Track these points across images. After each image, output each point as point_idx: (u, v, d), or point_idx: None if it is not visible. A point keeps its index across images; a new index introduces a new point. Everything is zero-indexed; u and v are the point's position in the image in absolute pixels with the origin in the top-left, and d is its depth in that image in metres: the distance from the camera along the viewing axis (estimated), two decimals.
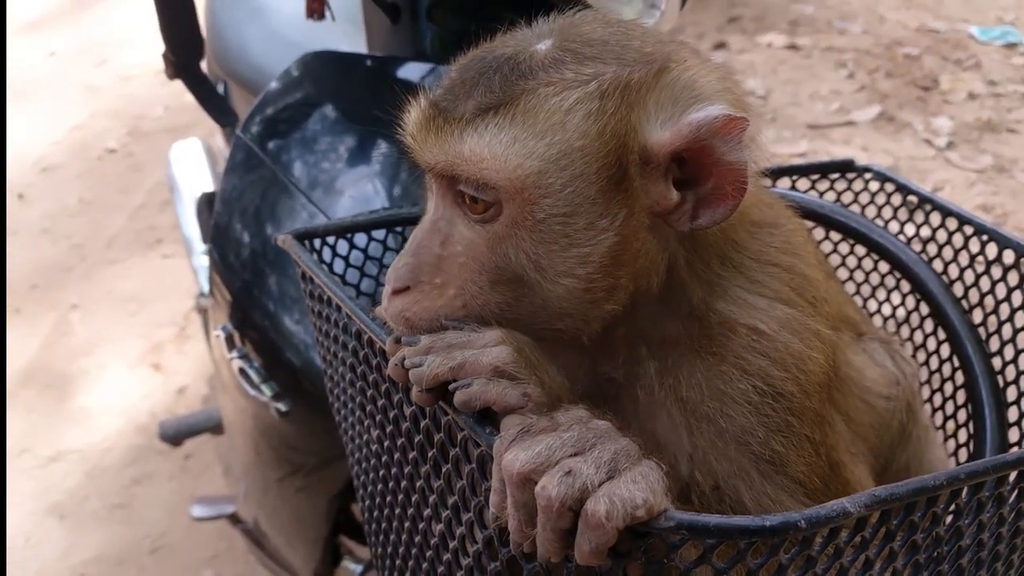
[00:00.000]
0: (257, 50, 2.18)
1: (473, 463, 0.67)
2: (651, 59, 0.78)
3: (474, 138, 0.76)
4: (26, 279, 3.85)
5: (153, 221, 4.09)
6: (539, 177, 0.75)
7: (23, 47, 5.80)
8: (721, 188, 0.76)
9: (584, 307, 0.79)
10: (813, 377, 0.83)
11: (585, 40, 0.80)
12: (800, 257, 0.89)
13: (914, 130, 4.19)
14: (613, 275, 0.78)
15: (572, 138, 0.75)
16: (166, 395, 3.21)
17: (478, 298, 0.79)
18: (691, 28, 5.10)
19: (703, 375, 0.82)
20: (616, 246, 0.77)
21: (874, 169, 1.26)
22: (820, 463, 0.84)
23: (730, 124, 0.74)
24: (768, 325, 0.82)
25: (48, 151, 4.73)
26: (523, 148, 0.75)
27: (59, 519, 2.85)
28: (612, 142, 0.75)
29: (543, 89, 0.76)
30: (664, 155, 0.76)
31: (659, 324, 0.84)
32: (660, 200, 0.77)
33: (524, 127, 0.75)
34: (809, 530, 0.57)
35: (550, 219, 0.76)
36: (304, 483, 1.60)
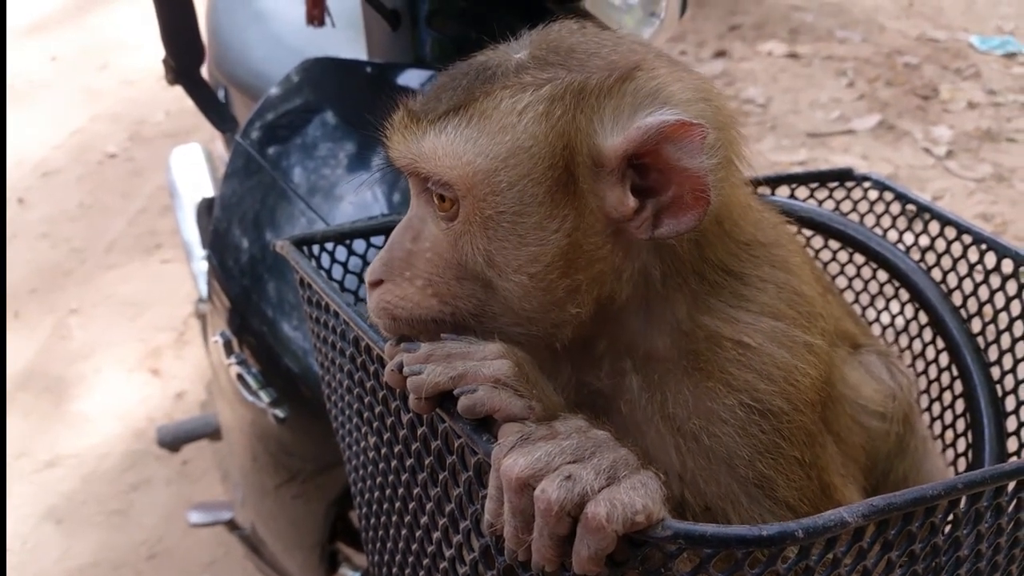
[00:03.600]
0: (257, 56, 2.19)
1: (470, 471, 0.67)
2: (614, 66, 0.79)
3: (433, 137, 0.79)
4: (25, 283, 3.84)
5: (153, 226, 4.09)
6: (488, 175, 0.77)
7: (25, 51, 5.81)
8: (681, 196, 0.75)
9: (546, 309, 0.79)
10: (804, 392, 0.83)
11: (552, 47, 0.81)
12: (794, 275, 0.88)
13: (914, 139, 4.20)
14: (569, 277, 0.78)
15: (521, 139, 0.77)
16: (164, 400, 3.20)
17: (447, 291, 0.81)
18: (692, 36, 5.12)
19: (690, 392, 0.81)
20: (567, 248, 0.77)
21: (873, 178, 1.26)
22: (810, 485, 0.83)
23: (683, 129, 0.73)
24: (754, 338, 0.82)
25: (49, 155, 4.74)
26: (475, 147, 0.77)
27: (56, 524, 2.84)
28: (559, 144, 0.76)
29: (499, 92, 0.78)
30: (616, 159, 0.76)
31: (644, 338, 0.83)
32: (617, 206, 0.77)
33: (479, 127, 0.77)
34: (806, 540, 0.57)
35: (499, 216, 0.77)
36: (301, 489, 1.59)
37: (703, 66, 4.88)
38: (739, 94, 4.62)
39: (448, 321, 0.81)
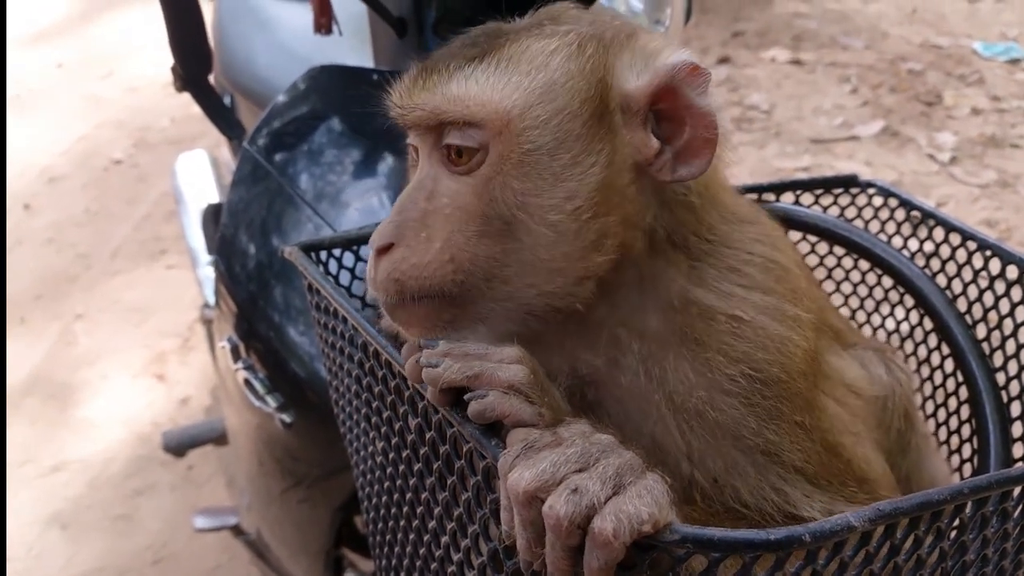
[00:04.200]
0: (264, 63, 2.20)
1: (479, 475, 0.67)
2: (622, 27, 0.85)
3: (459, 81, 0.80)
4: (31, 289, 3.86)
5: (158, 232, 4.10)
6: (525, 110, 0.78)
7: (30, 58, 5.84)
8: (694, 139, 0.79)
9: (575, 258, 0.80)
10: (797, 361, 0.84)
11: (556, 17, 0.87)
12: (780, 251, 0.90)
13: (918, 145, 4.20)
14: (601, 217, 0.79)
15: (556, 75, 0.79)
16: (169, 406, 3.21)
17: (465, 250, 0.79)
18: (695, 43, 5.13)
19: (690, 366, 0.82)
20: (602, 184, 0.79)
21: (877, 184, 1.26)
22: (815, 448, 0.83)
23: (696, 71, 0.79)
24: (747, 312, 0.84)
25: (54, 161, 4.76)
26: (509, 84, 0.79)
27: (61, 529, 2.85)
28: (594, 78, 0.79)
29: (525, 39, 0.81)
30: (642, 99, 0.80)
31: (640, 314, 0.84)
32: (641, 147, 0.80)
33: (509, 68, 0.80)
34: (814, 544, 0.57)
35: (536, 152, 0.78)
36: (307, 494, 1.60)
37: None
38: (743, 100, 4.63)
39: (457, 294, 0.80)
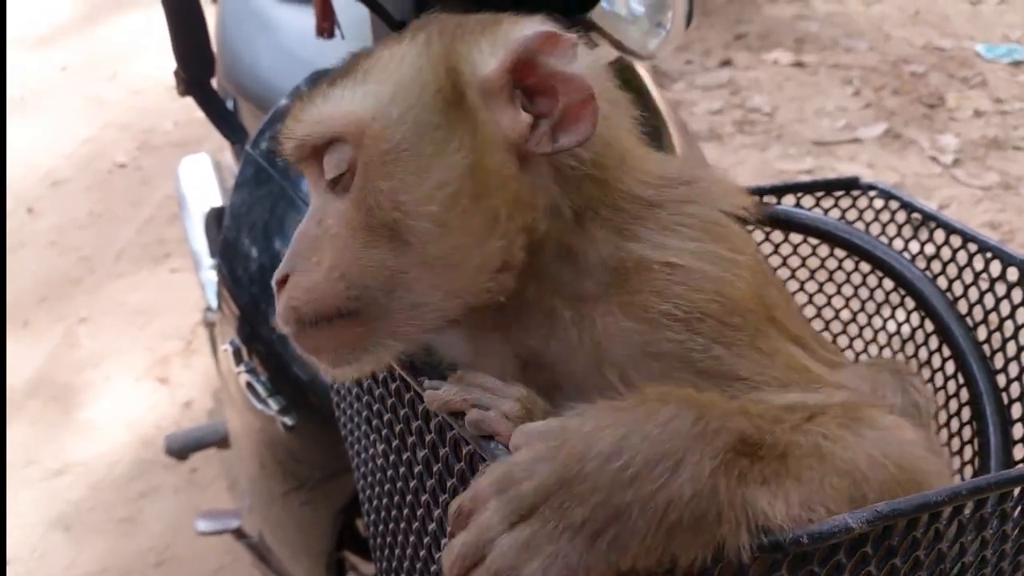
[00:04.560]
0: (266, 67, 2.21)
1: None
2: (486, 18, 0.85)
3: (320, 103, 0.82)
4: (34, 292, 3.87)
5: (161, 235, 4.11)
6: (378, 113, 0.78)
7: (35, 61, 5.86)
8: (570, 106, 0.78)
9: (470, 251, 0.78)
10: (737, 299, 0.83)
11: (428, 22, 0.87)
12: (717, 210, 0.89)
13: (920, 147, 4.20)
14: (483, 202, 0.78)
15: (405, 75, 0.80)
16: (172, 409, 3.22)
17: (356, 265, 0.78)
18: (697, 45, 5.13)
19: (625, 315, 0.81)
20: (471, 168, 0.78)
21: (879, 187, 1.27)
22: (773, 366, 0.82)
23: (554, 39, 0.78)
24: (681, 258, 0.83)
25: (58, 164, 4.77)
26: (361, 94, 0.80)
27: (64, 531, 2.86)
28: (441, 68, 0.80)
29: (378, 52, 0.83)
30: (499, 78, 0.79)
31: (572, 283, 0.84)
32: (513, 126, 0.79)
33: (364, 80, 0.81)
34: (810, 545, 0.57)
35: (396, 151, 0.77)
36: (309, 497, 1.60)
37: (709, 75, 4.89)
38: (745, 103, 4.63)
39: (356, 311, 0.78)
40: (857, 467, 0.67)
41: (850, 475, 0.66)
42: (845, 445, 0.68)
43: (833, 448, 0.67)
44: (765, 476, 0.62)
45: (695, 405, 0.63)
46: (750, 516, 0.59)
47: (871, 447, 0.70)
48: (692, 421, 0.61)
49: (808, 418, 0.71)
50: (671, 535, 0.58)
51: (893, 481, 0.69)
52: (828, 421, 0.71)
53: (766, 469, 0.63)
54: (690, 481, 0.58)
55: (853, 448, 0.68)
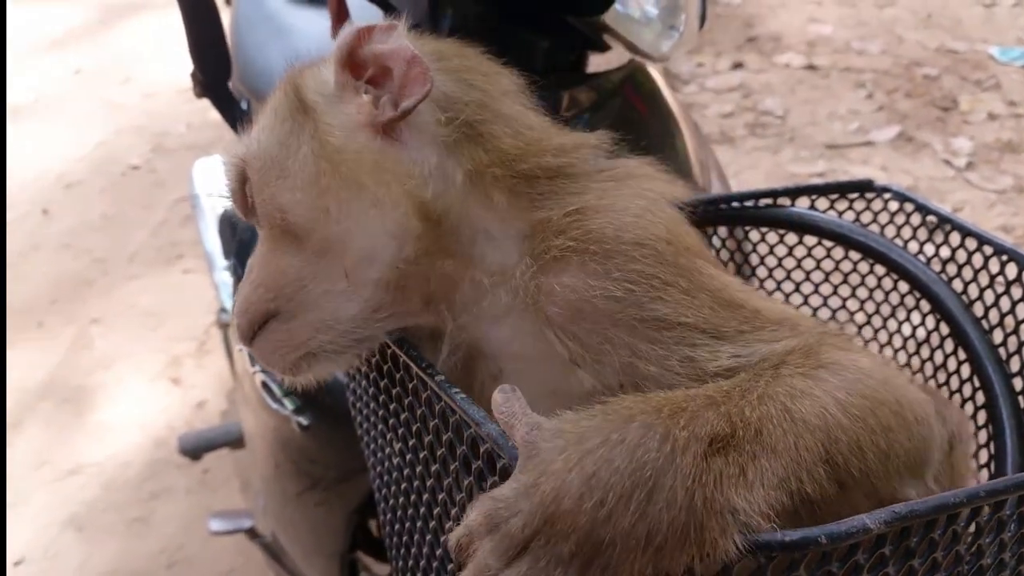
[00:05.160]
0: (279, 70, 2.21)
1: (497, 475, 0.68)
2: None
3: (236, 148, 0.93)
4: (48, 293, 3.90)
5: (174, 237, 4.14)
6: (251, 144, 0.90)
7: (49, 64, 5.90)
8: (403, 75, 0.85)
9: (354, 228, 0.85)
10: (656, 230, 0.83)
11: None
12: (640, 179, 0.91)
13: (933, 150, 4.19)
14: (347, 180, 0.84)
15: (268, 108, 0.92)
16: (185, 409, 3.24)
17: (268, 273, 0.89)
18: (709, 48, 5.13)
19: (551, 273, 0.83)
20: (322, 154, 0.85)
21: (893, 189, 1.26)
22: (707, 305, 0.81)
23: (369, 28, 0.86)
24: (589, 202, 0.86)
25: (72, 167, 4.80)
26: (246, 135, 0.93)
27: (77, 531, 2.87)
28: (290, 92, 0.90)
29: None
30: (337, 77, 0.88)
31: (490, 251, 0.87)
32: (360, 109, 0.87)
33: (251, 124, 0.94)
34: (829, 545, 0.57)
35: (266, 166, 0.88)
36: (323, 497, 1.61)
37: (720, 78, 4.89)
38: (756, 106, 4.63)
39: (278, 311, 0.88)
40: (827, 417, 0.69)
41: (822, 429, 0.68)
42: (811, 398, 0.70)
43: (802, 407, 0.69)
44: (742, 463, 0.63)
45: (661, 418, 0.64)
46: (731, 515, 0.60)
47: (835, 389, 0.72)
48: (659, 442, 0.62)
49: (772, 378, 0.72)
50: (658, 554, 0.59)
51: (866, 413, 0.72)
52: (790, 375, 0.73)
53: (742, 455, 0.64)
54: (665, 507, 0.60)
55: (819, 398, 0.70)
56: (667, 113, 1.60)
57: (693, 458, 0.62)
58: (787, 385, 0.71)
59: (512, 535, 0.61)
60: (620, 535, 0.59)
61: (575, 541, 0.59)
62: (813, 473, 0.66)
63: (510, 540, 0.61)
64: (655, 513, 0.59)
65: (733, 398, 0.68)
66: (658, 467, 0.60)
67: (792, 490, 0.64)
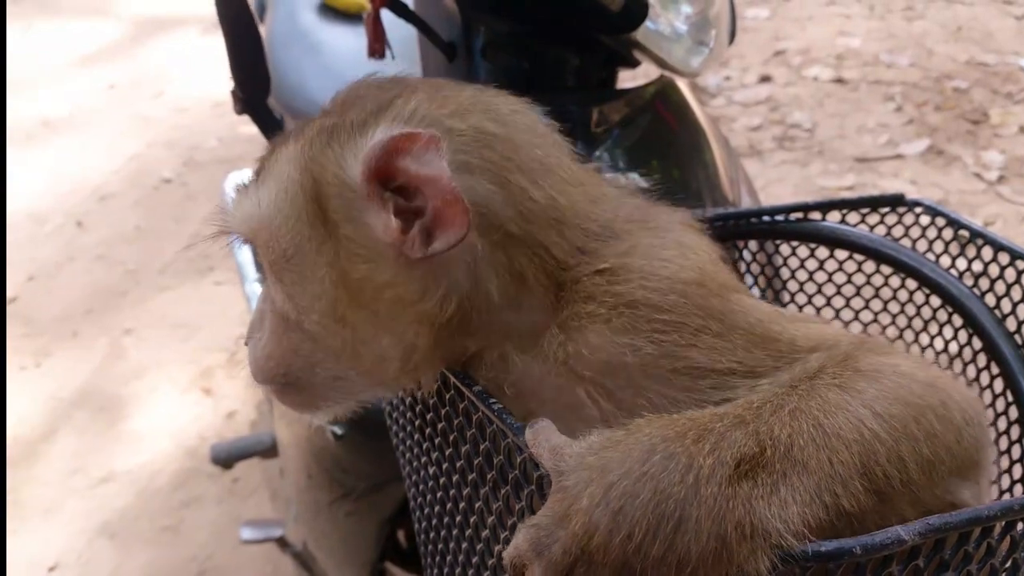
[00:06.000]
0: (313, 86, 2.25)
1: (532, 484, 0.69)
2: (376, 103, 0.82)
3: (238, 202, 0.86)
4: (82, 303, 3.96)
5: (205, 249, 4.18)
6: (264, 222, 0.82)
7: (83, 79, 6.01)
8: (439, 209, 0.75)
9: (363, 347, 0.82)
10: (685, 275, 0.81)
11: (345, 101, 0.86)
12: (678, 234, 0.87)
13: (964, 164, 4.15)
14: (362, 310, 0.80)
15: (283, 183, 0.81)
16: (215, 419, 3.27)
17: (279, 349, 0.86)
18: (736, 62, 5.13)
19: (579, 344, 0.79)
20: (342, 282, 0.79)
21: (924, 203, 1.26)
22: (740, 346, 0.79)
23: (409, 140, 0.74)
24: (617, 260, 0.82)
25: (106, 180, 4.88)
26: (257, 199, 0.83)
27: (109, 538, 2.91)
28: (308, 182, 0.80)
29: (278, 150, 0.85)
30: (362, 185, 0.77)
31: (517, 321, 0.83)
32: (385, 231, 0.78)
33: (263, 183, 0.83)
34: (863, 556, 0.58)
35: (282, 259, 0.81)
36: (355, 507, 1.63)
37: (748, 91, 4.89)
38: (785, 119, 4.61)
39: (289, 384, 0.87)
40: (863, 429, 0.67)
41: (858, 442, 0.67)
42: (846, 411, 0.68)
43: (834, 422, 0.67)
44: (772, 482, 0.63)
45: (684, 445, 0.64)
46: (761, 539, 0.61)
47: (873, 400, 0.70)
48: (683, 472, 0.62)
49: (807, 391, 0.71)
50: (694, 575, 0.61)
51: (908, 422, 0.70)
52: (825, 387, 0.71)
53: (772, 475, 0.64)
54: (693, 538, 0.60)
55: (855, 410, 0.69)
56: (697, 128, 1.61)
57: (719, 486, 0.62)
58: (821, 398, 0.70)
59: (556, 562, 0.62)
60: (652, 564, 0.60)
61: (612, 569, 0.61)
62: (849, 487, 0.65)
63: (555, 567, 0.62)
64: (683, 544, 0.60)
65: (763, 416, 0.68)
66: (681, 499, 0.61)
67: (827, 504, 0.64)
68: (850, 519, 0.66)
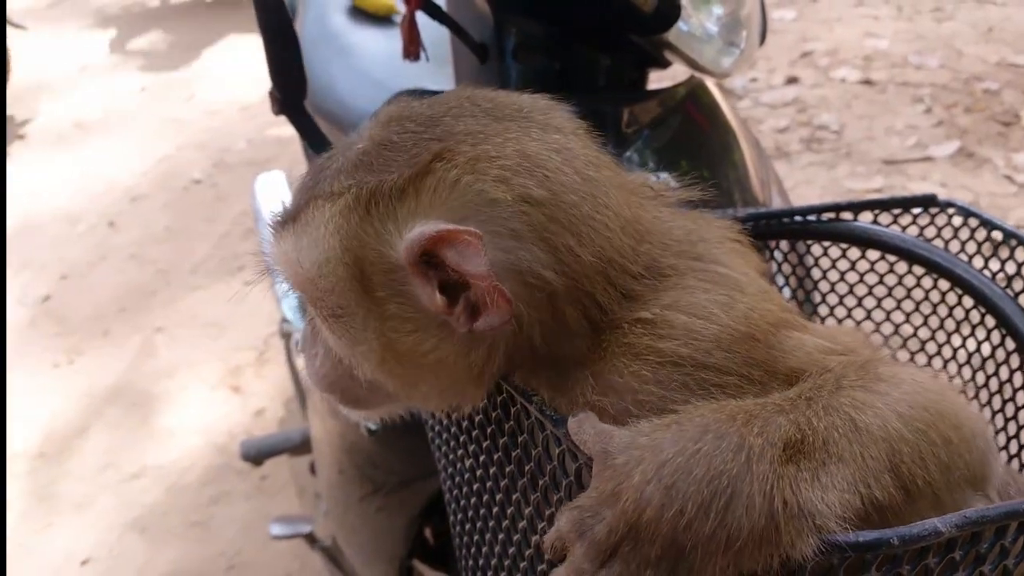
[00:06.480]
0: (343, 88, 2.28)
1: (571, 476, 0.71)
2: (412, 163, 0.78)
3: (277, 245, 0.83)
4: (115, 302, 4.03)
5: (236, 249, 4.25)
6: (312, 281, 0.80)
7: (116, 82, 6.12)
8: (482, 297, 0.74)
9: (411, 393, 0.86)
10: (732, 334, 0.78)
11: (379, 142, 0.82)
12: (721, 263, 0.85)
13: (994, 166, 4.11)
14: (413, 367, 0.81)
15: (326, 250, 0.79)
16: (245, 417, 3.32)
17: (333, 374, 0.90)
18: (763, 63, 5.11)
19: (610, 395, 0.77)
20: (389, 344, 0.79)
21: (957, 204, 1.26)
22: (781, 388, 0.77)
23: (449, 237, 0.72)
24: (661, 311, 0.79)
25: (137, 181, 4.96)
26: (299, 255, 0.80)
27: (140, 533, 2.96)
28: (350, 256, 0.78)
29: (315, 201, 0.80)
30: (408, 267, 0.76)
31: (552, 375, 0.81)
32: (430, 304, 0.77)
33: (302, 237, 0.80)
34: (901, 547, 0.59)
35: (330, 317, 0.81)
36: (385, 502, 1.64)
37: (775, 92, 4.87)
38: (812, 120, 4.59)
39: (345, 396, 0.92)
40: (890, 429, 0.70)
41: (886, 440, 0.69)
42: (874, 410, 0.71)
43: (865, 418, 0.70)
44: (814, 469, 0.65)
45: (735, 426, 0.65)
46: (807, 519, 0.62)
47: (896, 403, 0.72)
48: (735, 450, 0.64)
49: (835, 389, 0.73)
50: (739, 555, 0.62)
51: (927, 426, 0.72)
52: (851, 388, 0.73)
53: (813, 462, 0.66)
54: (744, 514, 0.62)
55: (882, 410, 0.71)
56: (728, 128, 1.62)
57: (770, 464, 0.63)
58: (850, 397, 0.72)
59: (599, 541, 0.63)
60: (701, 541, 0.61)
61: (660, 545, 0.62)
62: (880, 480, 0.67)
63: (599, 546, 0.63)
64: (734, 520, 0.61)
65: (799, 407, 0.70)
66: (735, 475, 0.62)
67: (862, 495, 0.65)
68: (883, 517, 0.67)
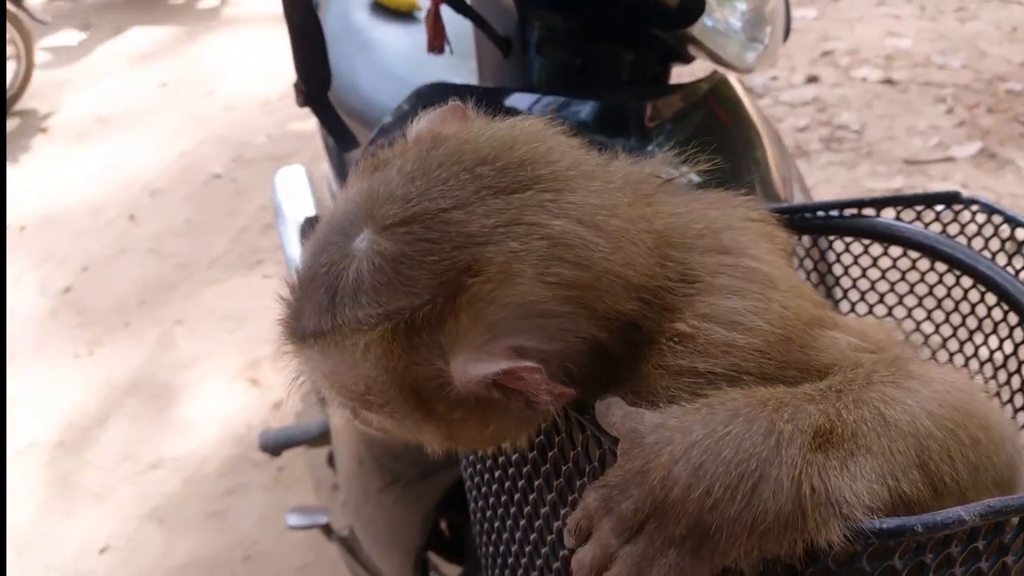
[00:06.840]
0: (366, 83, 2.29)
1: (595, 462, 0.71)
2: (442, 284, 0.72)
3: (306, 356, 0.80)
4: (135, 295, 4.06)
5: (255, 243, 4.27)
6: (360, 395, 0.78)
7: (137, 78, 6.16)
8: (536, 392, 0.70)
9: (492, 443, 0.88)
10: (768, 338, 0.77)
11: (393, 260, 0.74)
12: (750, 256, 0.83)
13: (1016, 167, 4.08)
14: (474, 437, 0.83)
15: (372, 374, 0.75)
16: (262, 409, 3.34)
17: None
18: (783, 62, 5.09)
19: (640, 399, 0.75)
20: (451, 434, 0.80)
21: (981, 201, 1.25)
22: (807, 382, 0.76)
23: (512, 374, 0.69)
24: (696, 322, 0.77)
25: (157, 175, 4.99)
26: (339, 374, 0.77)
27: (157, 523, 2.99)
28: (404, 383, 0.75)
29: (343, 326, 0.74)
30: (465, 391, 0.73)
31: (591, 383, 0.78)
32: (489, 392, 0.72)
33: (337, 358, 0.76)
34: (924, 535, 0.59)
35: (382, 416, 0.79)
36: (403, 494, 1.66)
37: (794, 91, 4.85)
38: (832, 120, 4.57)
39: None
40: (918, 425, 0.70)
41: (914, 436, 0.69)
42: (904, 406, 0.71)
43: (894, 413, 0.70)
44: (842, 458, 0.65)
45: (766, 411, 0.66)
46: (835, 507, 0.62)
47: (925, 401, 0.72)
48: (764, 434, 0.64)
49: (865, 383, 0.73)
50: (763, 539, 0.62)
51: (956, 426, 0.72)
52: (881, 383, 0.73)
53: (841, 451, 0.66)
54: (772, 497, 0.62)
55: (911, 406, 0.71)
56: (750, 124, 1.62)
57: (799, 449, 0.64)
58: (880, 392, 0.72)
59: (626, 518, 0.64)
60: (727, 522, 0.62)
61: (685, 525, 0.62)
62: (908, 475, 0.67)
63: (625, 522, 0.64)
64: (760, 503, 0.62)
65: (829, 398, 0.70)
66: (764, 458, 0.63)
67: (890, 488, 0.65)
68: (910, 511, 0.67)
